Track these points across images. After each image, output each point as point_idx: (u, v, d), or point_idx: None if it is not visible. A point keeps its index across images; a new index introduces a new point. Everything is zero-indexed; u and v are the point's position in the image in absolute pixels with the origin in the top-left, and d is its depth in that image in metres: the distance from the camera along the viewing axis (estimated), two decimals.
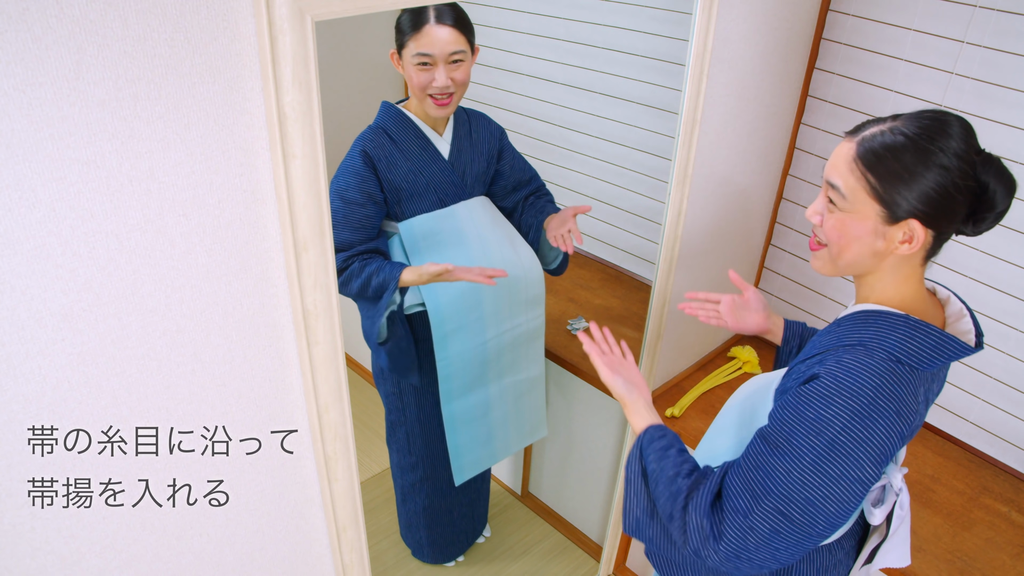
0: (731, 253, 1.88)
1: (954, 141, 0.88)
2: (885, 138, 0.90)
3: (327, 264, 0.92)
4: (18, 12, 0.62)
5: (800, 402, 0.92)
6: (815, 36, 1.73)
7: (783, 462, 0.91)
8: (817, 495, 0.89)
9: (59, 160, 0.69)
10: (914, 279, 0.98)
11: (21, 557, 0.81)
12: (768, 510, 0.91)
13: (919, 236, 0.90)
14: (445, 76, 1.47)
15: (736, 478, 0.96)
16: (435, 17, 1.44)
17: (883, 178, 0.89)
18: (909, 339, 0.92)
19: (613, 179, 2.20)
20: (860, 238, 0.94)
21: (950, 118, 0.89)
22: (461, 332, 1.65)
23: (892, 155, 0.88)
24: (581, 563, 2.24)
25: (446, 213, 1.63)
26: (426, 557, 2.15)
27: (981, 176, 0.89)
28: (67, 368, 0.77)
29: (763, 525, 0.91)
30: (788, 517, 0.90)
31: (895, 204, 0.89)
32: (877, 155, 0.89)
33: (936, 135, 0.88)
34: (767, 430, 0.95)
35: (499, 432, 1.87)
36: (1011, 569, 1.43)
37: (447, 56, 1.46)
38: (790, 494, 0.90)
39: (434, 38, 1.44)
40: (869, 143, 0.91)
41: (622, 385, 1.17)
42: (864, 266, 0.98)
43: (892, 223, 0.91)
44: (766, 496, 0.91)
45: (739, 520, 0.92)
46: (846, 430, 0.88)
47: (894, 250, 0.93)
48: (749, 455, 0.96)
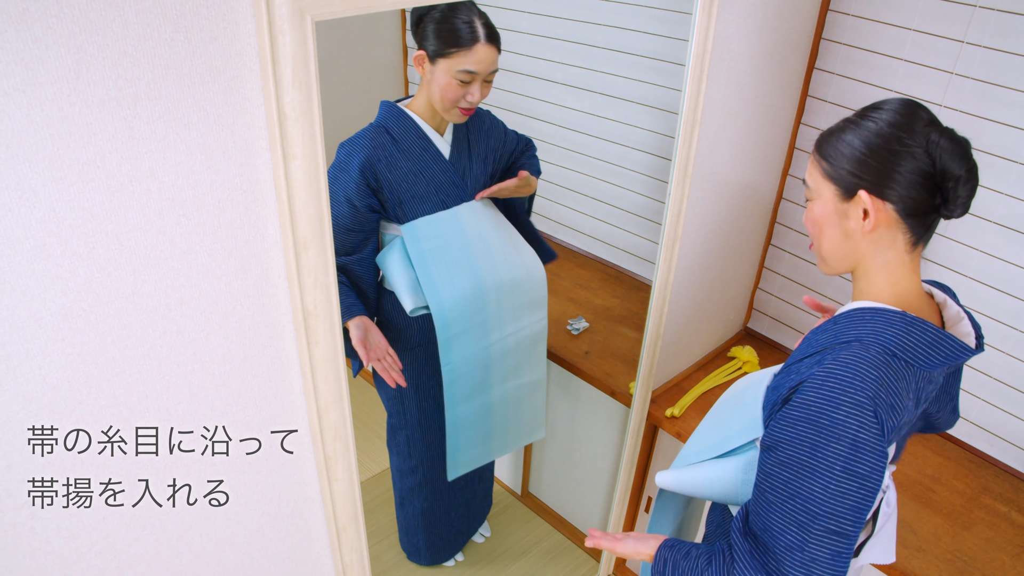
0: (731, 253, 1.88)
1: (885, 112, 0.93)
2: (836, 129, 0.98)
3: (327, 264, 0.92)
4: (18, 12, 0.62)
5: (811, 413, 0.90)
6: (815, 36, 1.73)
7: (816, 481, 0.88)
8: (857, 499, 0.88)
9: (59, 160, 0.69)
10: (907, 275, 0.98)
11: (21, 557, 0.81)
12: (820, 534, 0.89)
13: (871, 205, 0.93)
14: (479, 92, 1.50)
15: (773, 516, 0.92)
16: (486, 36, 1.45)
17: (829, 156, 0.97)
18: (905, 335, 0.93)
19: (613, 179, 2.20)
20: (827, 220, 0.99)
21: (892, 101, 0.95)
22: (465, 336, 1.65)
23: (834, 135, 0.97)
24: (581, 563, 2.24)
25: (449, 215, 1.63)
26: (423, 560, 2.15)
27: (918, 139, 0.90)
28: (67, 368, 0.77)
29: (822, 552, 0.89)
30: (841, 533, 0.89)
31: (842, 179, 0.95)
32: (824, 139, 0.99)
33: (869, 110, 0.95)
34: (784, 456, 0.92)
35: (498, 433, 1.87)
36: (1011, 569, 1.43)
37: (488, 74, 1.49)
38: (835, 510, 0.88)
39: (483, 57, 1.46)
40: (824, 136, 1.00)
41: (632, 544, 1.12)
42: (845, 253, 1.00)
43: (848, 199, 0.96)
44: (814, 521, 0.89)
45: (797, 556, 0.90)
46: (863, 427, 0.88)
47: (864, 230, 0.95)
48: (775, 487, 0.92)
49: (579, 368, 1.95)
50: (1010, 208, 1.54)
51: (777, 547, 0.91)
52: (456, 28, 1.44)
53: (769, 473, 0.93)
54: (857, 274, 1.01)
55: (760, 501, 0.94)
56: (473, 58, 1.45)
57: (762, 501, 0.94)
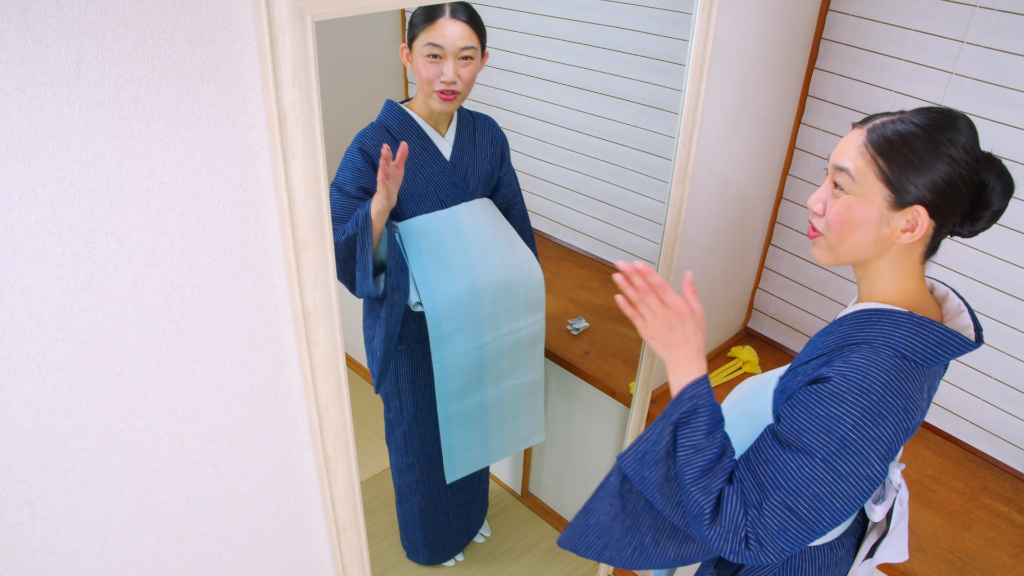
0: (731, 253, 1.88)
1: (962, 135, 0.90)
2: (896, 126, 0.92)
3: (327, 264, 0.92)
4: (18, 12, 0.62)
5: (811, 401, 0.93)
6: (815, 36, 1.73)
7: (795, 458, 0.92)
8: (825, 491, 0.90)
9: (59, 160, 0.69)
10: (915, 276, 0.98)
11: (21, 557, 0.81)
12: (776, 504, 0.92)
13: (923, 223, 0.91)
14: (453, 71, 1.50)
15: (747, 472, 0.96)
16: (450, 12, 1.48)
17: (893, 162, 0.91)
18: (914, 336, 0.93)
19: (613, 179, 2.20)
20: (865, 223, 0.94)
21: (957, 114, 0.92)
22: (459, 334, 1.65)
23: (903, 141, 0.90)
24: (581, 563, 2.24)
25: (446, 214, 1.63)
26: (421, 559, 2.14)
27: (983, 172, 0.91)
28: (67, 368, 0.77)
29: (772, 521, 0.92)
30: (795, 512, 0.91)
31: (903, 189, 0.91)
32: (888, 140, 0.91)
33: (945, 127, 0.90)
34: (778, 428, 0.96)
35: (495, 434, 1.87)
36: (1011, 569, 1.43)
37: (457, 50, 1.49)
38: (798, 489, 0.91)
39: (446, 31, 1.47)
40: (880, 130, 0.93)
41: (661, 347, 1.05)
42: (864, 254, 0.98)
43: (898, 209, 0.92)
44: (775, 490, 0.92)
45: (753, 513, 0.94)
46: (857, 428, 0.89)
47: (896, 239, 0.94)
48: (760, 449, 0.96)
49: (579, 368, 1.95)
50: (1010, 208, 1.54)
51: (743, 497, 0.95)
52: (427, 7, 1.48)
53: (762, 437, 0.97)
54: (865, 274, 1.01)
55: (746, 456, 0.98)
56: (437, 32, 1.47)
57: (746, 456, 0.98)
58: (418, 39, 1.49)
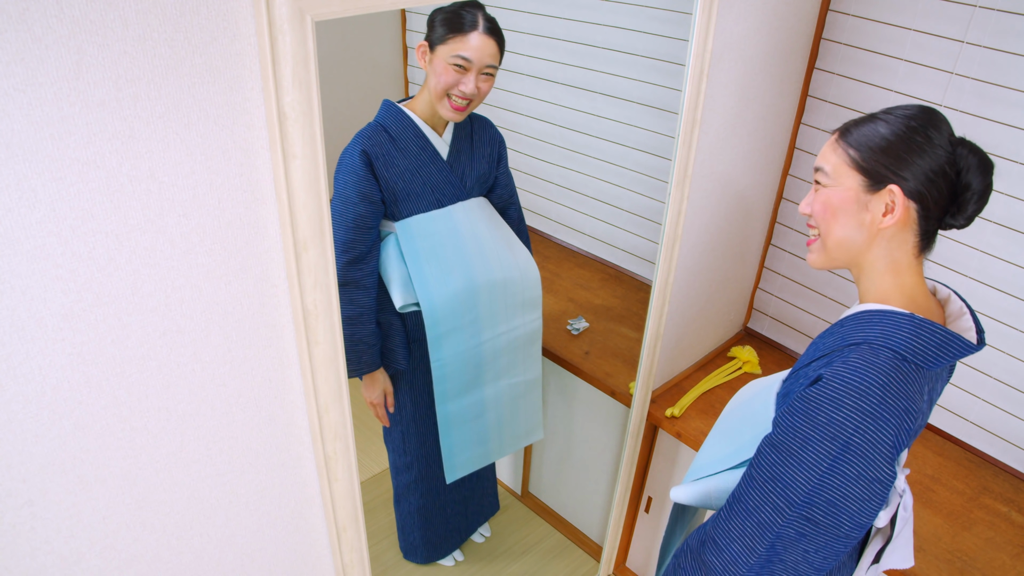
0: (731, 253, 1.88)
1: (928, 118, 0.94)
2: (865, 121, 0.98)
3: (327, 264, 0.92)
4: (18, 12, 0.62)
5: (810, 406, 0.91)
6: (815, 36, 1.73)
7: (800, 471, 0.91)
8: (837, 496, 0.89)
9: (59, 160, 0.69)
10: (912, 272, 0.98)
11: (21, 557, 0.81)
12: (793, 519, 0.91)
13: (900, 202, 0.93)
14: (474, 84, 1.51)
15: (753, 491, 0.95)
16: (485, 28, 1.49)
17: (861, 149, 0.96)
18: (914, 337, 0.92)
19: (613, 179, 2.20)
20: (844, 208, 0.98)
21: (927, 107, 0.97)
22: (456, 333, 1.65)
23: (870, 130, 0.96)
24: (581, 563, 2.24)
25: (443, 214, 1.63)
26: (419, 558, 2.14)
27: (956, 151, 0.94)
28: (67, 368, 0.77)
29: (789, 531, 0.92)
30: (813, 521, 0.91)
31: (874, 171, 0.95)
32: (857, 132, 0.98)
33: (912, 116, 0.95)
34: (777, 438, 0.94)
35: (493, 433, 1.87)
36: (1011, 569, 1.43)
37: (483, 66, 1.50)
38: (811, 499, 0.90)
39: (479, 46, 1.48)
40: (850, 126, 0.99)
41: None
42: (852, 245, 0.99)
43: (874, 191, 0.95)
44: (789, 508, 0.92)
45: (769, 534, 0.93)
46: (859, 431, 0.88)
47: (880, 224, 0.95)
48: (762, 466, 0.95)
49: (579, 368, 1.95)
50: (1010, 208, 1.54)
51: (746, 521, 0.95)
52: (459, 16, 1.49)
53: (760, 450, 0.97)
54: (861, 274, 1.01)
55: (748, 474, 0.98)
56: (469, 45, 1.48)
57: (749, 475, 0.97)
58: (446, 46, 1.49)
